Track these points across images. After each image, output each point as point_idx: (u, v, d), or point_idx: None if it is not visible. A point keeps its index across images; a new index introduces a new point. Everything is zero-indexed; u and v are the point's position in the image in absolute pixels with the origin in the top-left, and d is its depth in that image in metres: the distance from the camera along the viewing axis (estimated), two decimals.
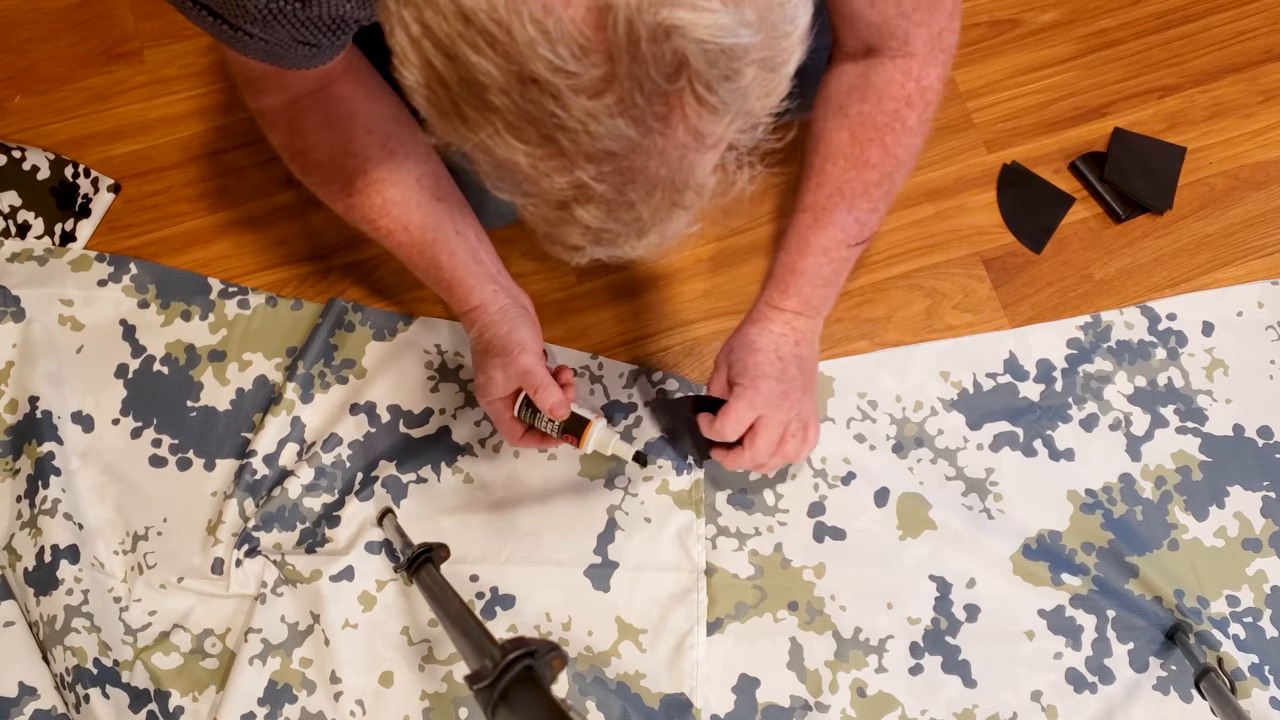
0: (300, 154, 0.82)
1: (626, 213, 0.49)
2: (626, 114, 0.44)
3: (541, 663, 0.70)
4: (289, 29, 0.62)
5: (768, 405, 0.91)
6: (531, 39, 0.42)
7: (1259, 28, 1.22)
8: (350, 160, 0.82)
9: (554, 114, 0.44)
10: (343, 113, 0.81)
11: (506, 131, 0.46)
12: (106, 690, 0.94)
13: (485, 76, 0.44)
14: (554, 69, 0.43)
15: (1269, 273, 1.13)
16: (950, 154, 1.17)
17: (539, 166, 0.47)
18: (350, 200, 0.84)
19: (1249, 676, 0.97)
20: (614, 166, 0.46)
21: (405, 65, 0.46)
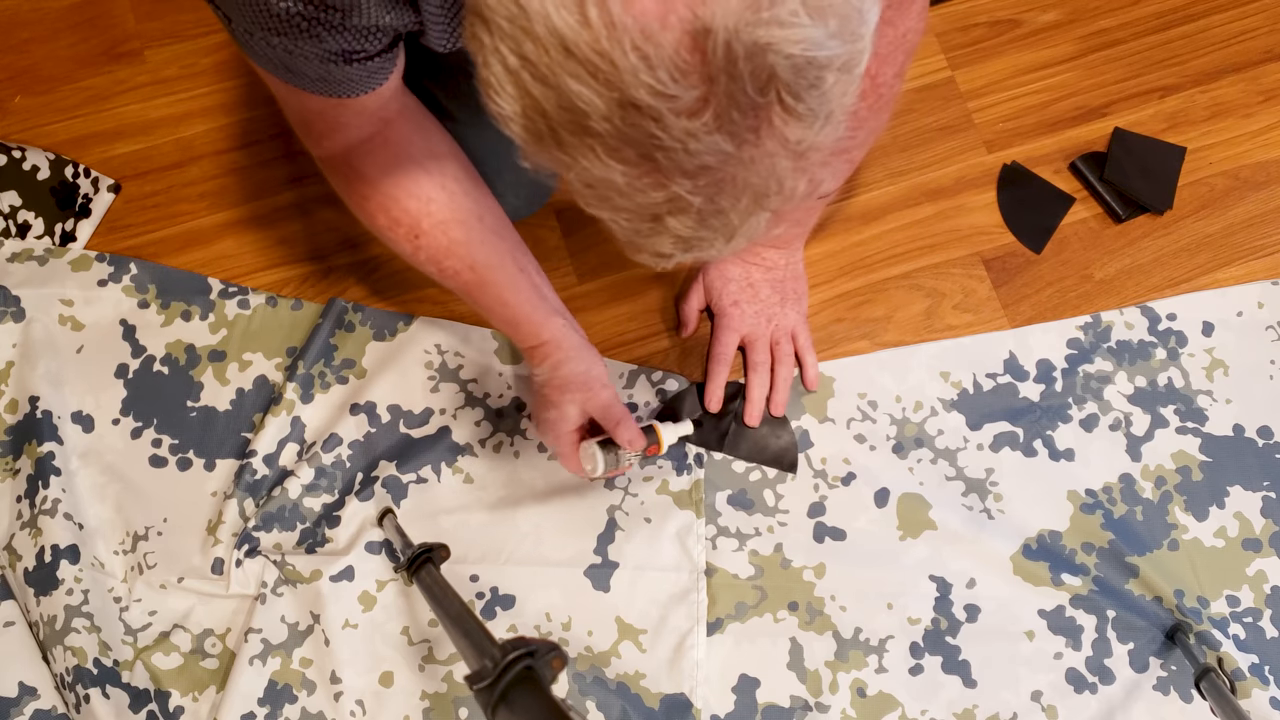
0: (365, 199, 0.83)
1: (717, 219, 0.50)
2: (723, 129, 0.45)
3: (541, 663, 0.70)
4: (326, 39, 0.62)
5: (746, 326, 1.05)
6: (634, 66, 0.43)
7: (1259, 28, 1.22)
8: (414, 202, 0.83)
9: (654, 135, 0.45)
10: (403, 155, 0.82)
11: (605, 153, 0.47)
12: (106, 690, 0.94)
13: (586, 104, 0.45)
14: (655, 93, 0.44)
15: (1269, 273, 1.13)
16: (950, 154, 1.17)
17: (635, 184, 0.48)
18: (418, 242, 0.85)
19: (1249, 676, 0.97)
20: (709, 179, 0.48)
21: (500, 95, 0.47)
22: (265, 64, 0.69)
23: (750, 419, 1.05)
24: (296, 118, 0.80)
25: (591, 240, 1.13)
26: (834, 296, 1.12)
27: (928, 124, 1.18)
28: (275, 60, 0.67)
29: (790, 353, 1.06)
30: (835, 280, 1.13)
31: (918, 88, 1.20)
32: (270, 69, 0.69)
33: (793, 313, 1.07)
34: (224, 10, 0.64)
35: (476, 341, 1.09)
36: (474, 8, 0.46)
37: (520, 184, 1.02)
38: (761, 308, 1.05)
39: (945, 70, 1.21)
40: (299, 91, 0.73)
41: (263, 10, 0.60)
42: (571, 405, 0.90)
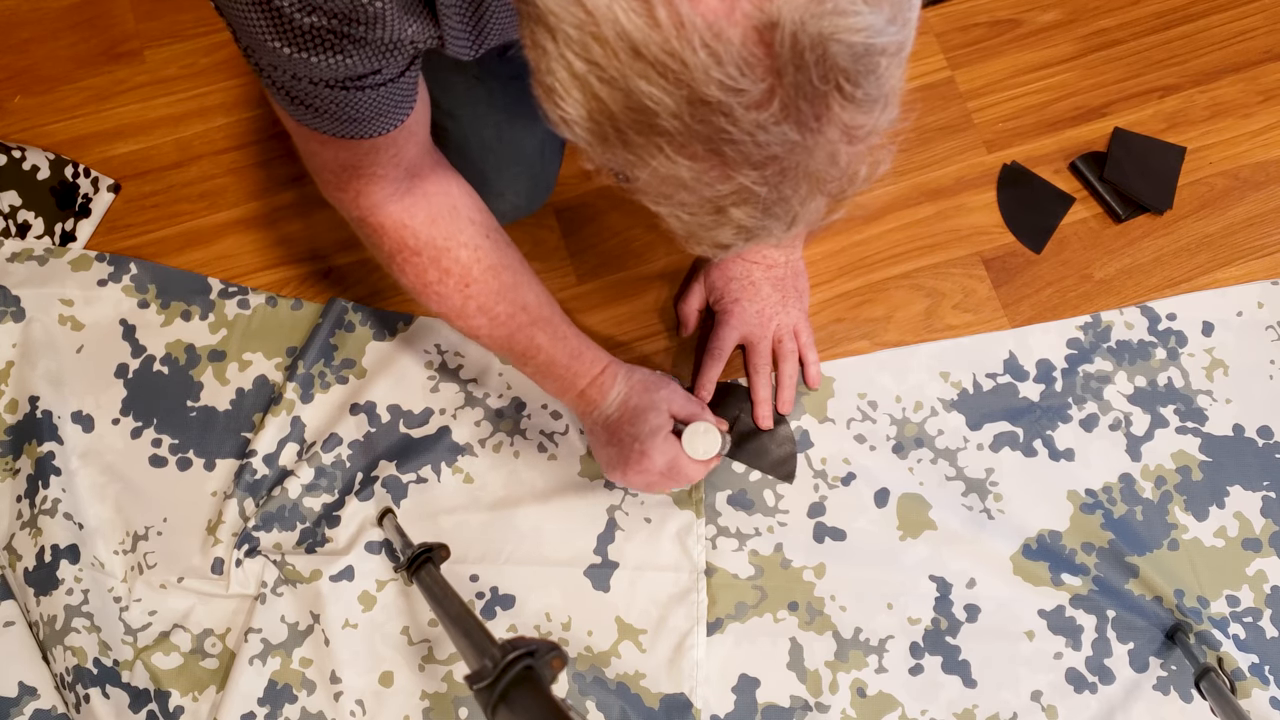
0: (414, 253, 0.83)
1: (780, 207, 0.51)
2: (790, 119, 0.46)
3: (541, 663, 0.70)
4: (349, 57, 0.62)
5: (747, 325, 1.05)
6: (704, 64, 0.44)
7: (1259, 28, 1.22)
8: (465, 251, 0.84)
9: (724, 129, 0.46)
10: (446, 206, 0.83)
11: (673, 151, 0.47)
12: (106, 690, 0.94)
13: (656, 104, 0.45)
14: (725, 88, 0.44)
15: (1269, 273, 1.13)
16: (950, 154, 1.17)
17: (702, 178, 0.49)
18: (468, 291, 0.85)
19: (1249, 676, 0.97)
20: (775, 169, 0.48)
21: (566, 100, 0.48)
22: (288, 103, 0.69)
23: (762, 421, 1.05)
24: (329, 175, 0.79)
25: (591, 240, 1.13)
26: (834, 296, 1.12)
27: (928, 124, 1.18)
28: (297, 95, 0.67)
29: (793, 350, 1.06)
30: (835, 280, 1.13)
31: (918, 88, 1.20)
32: (294, 110, 0.69)
33: (794, 310, 1.06)
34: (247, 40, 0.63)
35: None
36: (535, 16, 0.46)
37: (519, 181, 1.02)
38: (763, 306, 1.05)
39: (945, 70, 1.21)
40: (328, 142, 0.73)
41: (286, 28, 0.60)
42: (663, 403, 0.92)
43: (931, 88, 1.20)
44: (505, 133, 0.97)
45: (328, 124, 0.70)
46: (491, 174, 0.98)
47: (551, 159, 1.04)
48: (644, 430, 0.91)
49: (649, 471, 0.92)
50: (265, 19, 0.59)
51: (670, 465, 0.92)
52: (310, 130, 0.72)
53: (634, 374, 0.94)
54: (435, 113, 0.85)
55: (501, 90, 0.95)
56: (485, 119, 0.96)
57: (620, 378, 0.93)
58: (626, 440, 0.92)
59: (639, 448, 0.91)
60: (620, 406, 0.92)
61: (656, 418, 0.91)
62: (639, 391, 0.92)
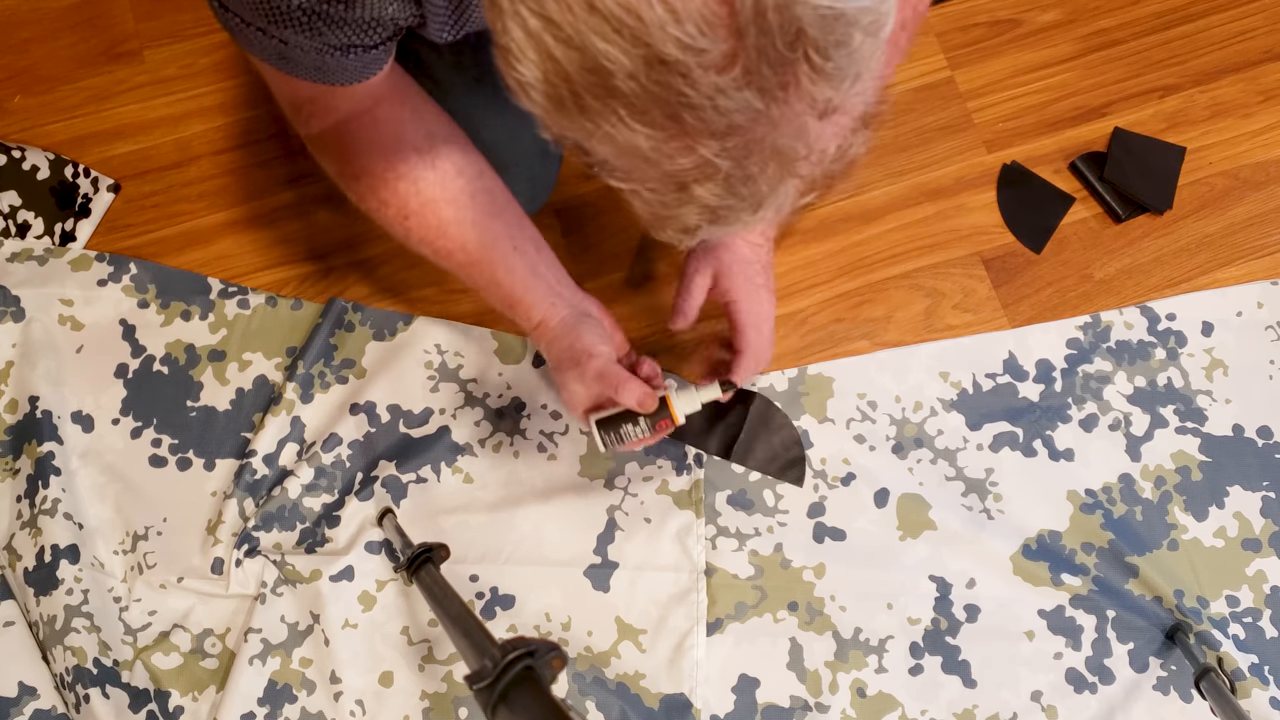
0: (354, 179, 0.82)
1: (745, 187, 0.49)
2: (753, 85, 0.45)
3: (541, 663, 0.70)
4: (328, 32, 0.62)
5: (770, 311, 0.94)
6: (661, 19, 0.42)
7: (1259, 28, 1.22)
8: (403, 182, 0.82)
9: (682, 93, 0.44)
10: (392, 134, 0.81)
11: (630, 116, 0.46)
12: (106, 690, 0.94)
13: (612, 63, 0.44)
14: (684, 47, 0.43)
15: (1269, 273, 1.13)
16: (950, 154, 1.17)
17: (661, 149, 0.47)
18: (408, 224, 0.84)
19: (1249, 676, 0.97)
20: (738, 140, 0.47)
21: (521, 61, 0.46)
22: (259, 53, 0.68)
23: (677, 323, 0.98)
24: (286, 101, 0.79)
25: (591, 240, 1.13)
26: (834, 296, 1.12)
27: (928, 124, 1.18)
28: (270, 50, 0.67)
29: None
30: (835, 280, 1.13)
31: (918, 88, 1.20)
32: (264, 58, 0.69)
33: None
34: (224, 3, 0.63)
35: (476, 341, 1.09)
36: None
37: (519, 183, 1.01)
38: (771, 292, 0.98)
39: (945, 70, 1.21)
40: (291, 79, 0.72)
41: (270, 6, 0.60)
42: (574, 383, 0.87)
43: (931, 88, 1.20)
44: (505, 133, 0.97)
45: (297, 70, 0.70)
46: None
47: (552, 159, 1.04)
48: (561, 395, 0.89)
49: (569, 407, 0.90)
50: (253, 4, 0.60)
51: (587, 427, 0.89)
52: (274, 68, 0.71)
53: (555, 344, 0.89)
54: None
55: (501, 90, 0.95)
56: (485, 120, 0.96)
57: (544, 344, 0.89)
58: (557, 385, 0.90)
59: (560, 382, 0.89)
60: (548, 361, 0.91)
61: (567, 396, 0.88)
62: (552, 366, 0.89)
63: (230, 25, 0.66)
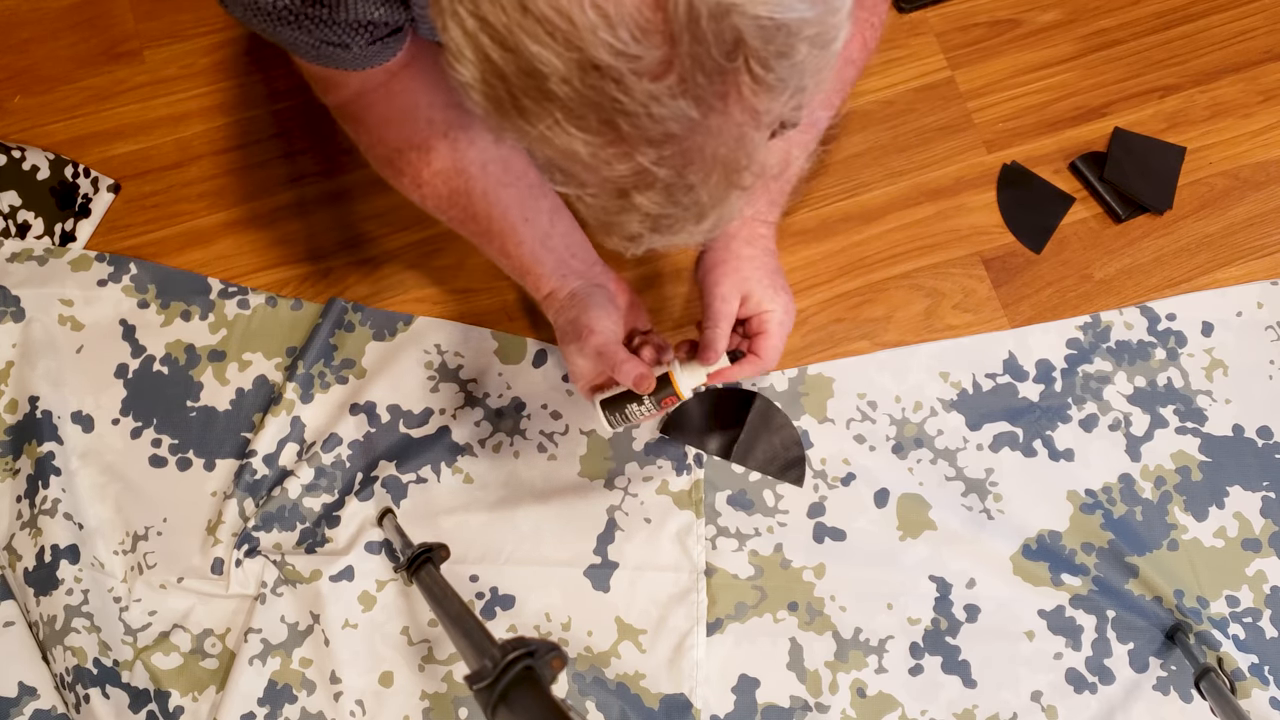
0: (370, 148, 0.83)
1: (686, 196, 0.49)
2: (688, 94, 0.44)
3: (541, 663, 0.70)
4: (316, 31, 0.62)
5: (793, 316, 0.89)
6: (593, 24, 0.42)
7: (1259, 28, 1.22)
8: (415, 152, 0.82)
9: (616, 99, 0.44)
10: (405, 105, 0.81)
11: (566, 120, 0.46)
12: (106, 690, 0.94)
13: (545, 65, 0.44)
14: (616, 53, 0.43)
15: (1269, 273, 1.13)
16: (950, 154, 1.17)
17: (599, 155, 0.47)
18: (422, 191, 0.84)
19: (1249, 676, 0.97)
20: (675, 149, 0.46)
21: (460, 61, 0.46)
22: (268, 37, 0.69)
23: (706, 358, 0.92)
24: (304, 73, 0.79)
25: (591, 240, 1.13)
26: (834, 296, 1.12)
27: (928, 124, 1.18)
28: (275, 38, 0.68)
29: None
30: (835, 280, 1.13)
31: (918, 88, 1.20)
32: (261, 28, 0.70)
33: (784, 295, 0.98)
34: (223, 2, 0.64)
35: (476, 341, 1.09)
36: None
37: None
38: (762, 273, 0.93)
39: (945, 70, 1.21)
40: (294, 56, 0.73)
41: (252, 5, 0.60)
42: (577, 357, 0.85)
43: (931, 88, 1.20)
44: None
45: (303, 54, 0.70)
46: None
47: None
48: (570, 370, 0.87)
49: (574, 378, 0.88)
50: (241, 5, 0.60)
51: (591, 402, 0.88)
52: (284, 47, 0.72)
53: (561, 315, 0.87)
54: None
55: None
56: None
57: (551, 313, 0.89)
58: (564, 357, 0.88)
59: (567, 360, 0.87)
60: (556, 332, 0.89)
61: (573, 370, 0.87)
62: (559, 337, 0.88)
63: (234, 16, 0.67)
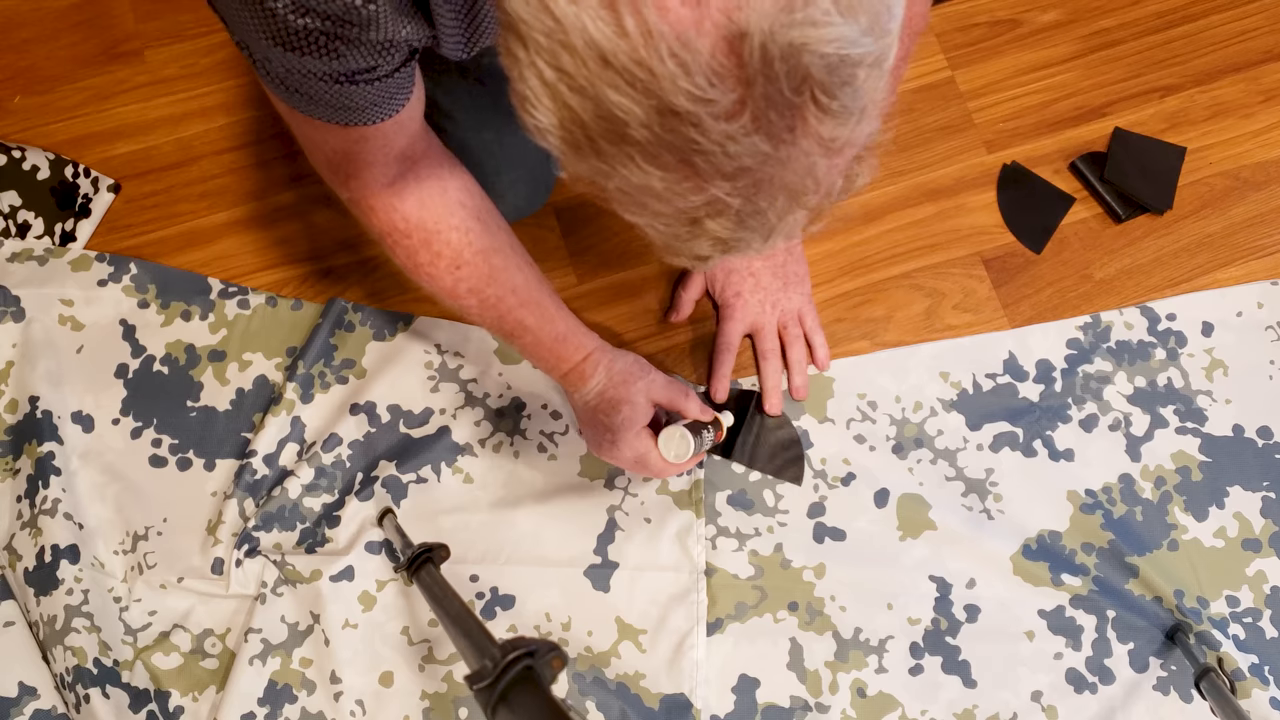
0: (405, 235, 0.83)
1: (755, 220, 0.51)
2: (760, 130, 0.46)
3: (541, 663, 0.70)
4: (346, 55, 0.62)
5: (751, 315, 1.06)
6: (672, 74, 0.43)
7: (1259, 28, 1.22)
8: (456, 234, 0.84)
9: (693, 140, 0.46)
10: (438, 189, 0.83)
11: (644, 160, 0.47)
12: (106, 690, 0.94)
13: (625, 113, 0.45)
14: (694, 99, 0.44)
15: (1269, 273, 1.13)
16: (950, 154, 1.17)
17: (674, 189, 0.48)
18: (459, 273, 0.85)
19: (1249, 676, 0.97)
20: (747, 180, 0.48)
21: (537, 108, 0.48)
22: (284, 92, 0.69)
23: (771, 408, 1.05)
24: (323, 159, 0.80)
25: (591, 240, 1.13)
26: (834, 296, 1.12)
27: (928, 124, 1.18)
28: (292, 85, 0.67)
29: (799, 335, 1.07)
30: (835, 280, 1.13)
31: (917, 88, 1.20)
32: (289, 98, 0.69)
33: (797, 295, 1.07)
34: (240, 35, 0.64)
35: (476, 341, 1.09)
36: (508, 24, 0.46)
37: (519, 183, 1.02)
38: (765, 295, 1.06)
39: (945, 70, 1.21)
40: (322, 128, 0.73)
41: (281, 28, 0.60)
42: (639, 395, 0.91)
43: (931, 88, 1.20)
44: (505, 135, 0.97)
45: (322, 111, 0.70)
46: (492, 176, 0.98)
47: (552, 160, 1.04)
48: (616, 421, 0.91)
49: (620, 460, 0.93)
50: (258, 20, 0.60)
51: (639, 459, 0.92)
52: (303, 115, 0.72)
53: (615, 363, 0.93)
54: (435, 115, 0.85)
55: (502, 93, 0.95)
56: (486, 121, 0.96)
57: (601, 367, 0.93)
58: (600, 428, 0.93)
59: (610, 438, 0.92)
60: (598, 396, 0.93)
61: (631, 411, 0.91)
62: (617, 383, 0.92)
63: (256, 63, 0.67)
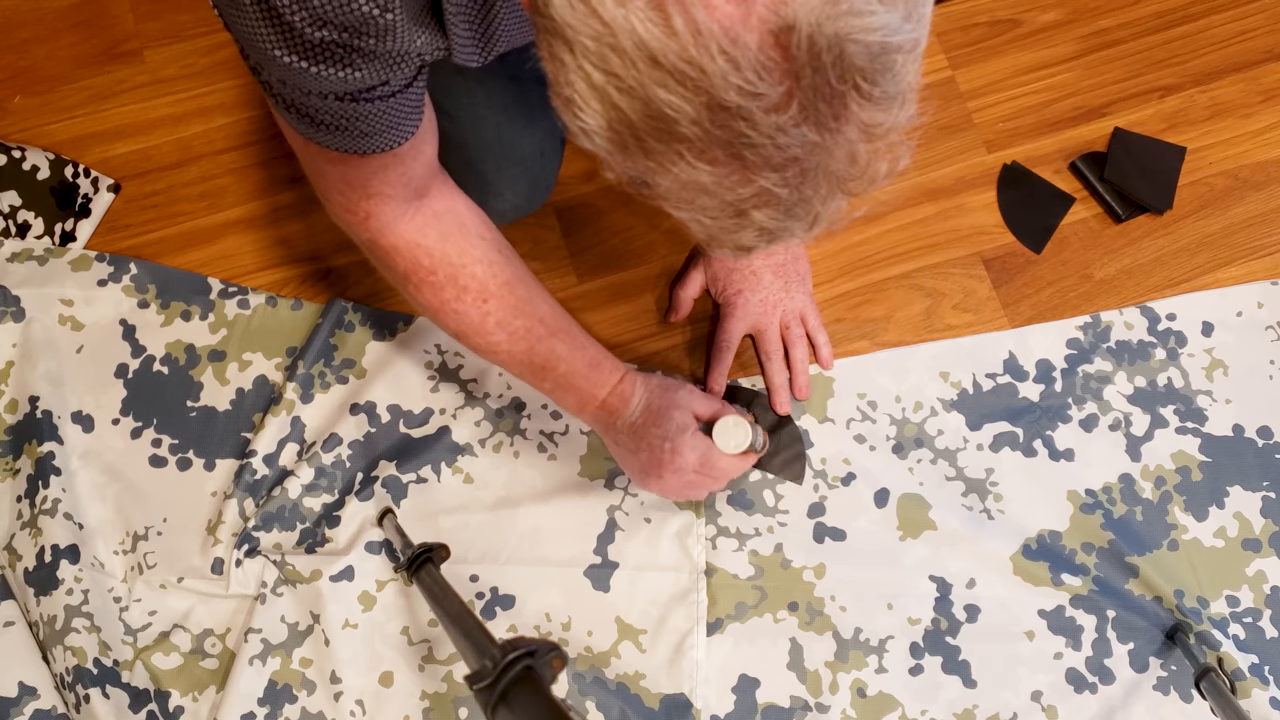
0: (430, 272, 0.83)
1: (801, 208, 0.51)
2: (809, 121, 0.46)
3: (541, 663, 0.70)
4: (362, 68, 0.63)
5: (752, 315, 1.05)
6: (722, 70, 0.44)
7: (1259, 28, 1.22)
8: (480, 266, 0.84)
9: (744, 134, 0.46)
10: (457, 224, 0.84)
11: (693, 156, 0.48)
12: (106, 690, 0.94)
13: (675, 111, 0.46)
14: (744, 93, 0.45)
15: (1269, 273, 1.13)
16: (950, 154, 1.17)
17: (723, 183, 0.49)
18: (486, 306, 0.85)
19: (1249, 676, 0.97)
20: (796, 170, 0.49)
21: (585, 111, 0.48)
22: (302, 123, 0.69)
23: (780, 406, 1.05)
24: (341, 200, 0.79)
25: (591, 240, 1.13)
26: (834, 296, 1.12)
27: (928, 124, 1.18)
28: (308, 113, 0.67)
29: (802, 335, 1.07)
30: (835, 280, 1.13)
31: (918, 87, 1.19)
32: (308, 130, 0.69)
33: (799, 295, 1.07)
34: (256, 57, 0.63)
35: None
36: (552, 29, 0.47)
37: (518, 181, 1.02)
38: (766, 294, 1.05)
39: (945, 70, 1.21)
40: (340, 161, 0.73)
41: (296, 41, 0.60)
42: (683, 401, 0.91)
43: (931, 88, 1.20)
44: (504, 133, 0.97)
45: (336, 139, 0.70)
46: (491, 174, 0.98)
47: (551, 159, 1.04)
48: (671, 429, 0.90)
49: (683, 470, 0.90)
50: (275, 33, 0.60)
51: (703, 461, 0.91)
52: (319, 148, 0.72)
53: (651, 378, 0.93)
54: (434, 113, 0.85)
55: (500, 91, 0.95)
56: (484, 120, 0.96)
57: (639, 383, 0.92)
58: (655, 442, 0.90)
59: (669, 446, 0.90)
60: (643, 411, 0.91)
61: (681, 416, 0.90)
62: (659, 393, 0.92)
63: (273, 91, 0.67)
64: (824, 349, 1.07)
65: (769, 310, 1.06)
